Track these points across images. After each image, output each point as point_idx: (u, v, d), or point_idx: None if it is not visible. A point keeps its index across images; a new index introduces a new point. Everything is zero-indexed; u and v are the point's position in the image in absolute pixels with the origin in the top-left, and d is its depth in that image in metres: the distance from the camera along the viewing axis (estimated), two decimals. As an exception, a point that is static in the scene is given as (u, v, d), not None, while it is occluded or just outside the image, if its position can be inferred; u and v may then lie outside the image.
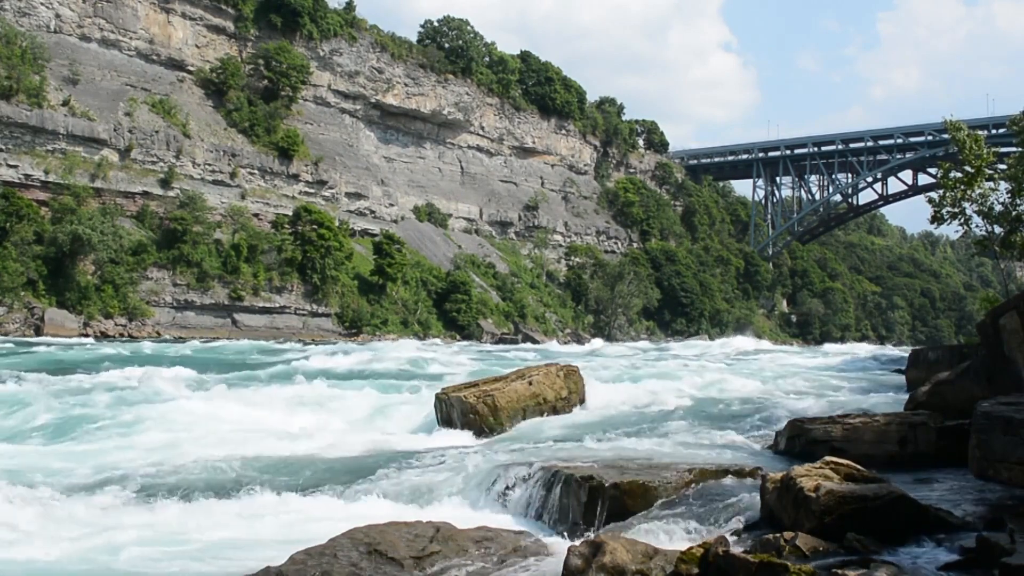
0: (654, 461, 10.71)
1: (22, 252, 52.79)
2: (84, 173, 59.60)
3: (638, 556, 6.47)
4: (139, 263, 58.95)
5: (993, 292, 46.09)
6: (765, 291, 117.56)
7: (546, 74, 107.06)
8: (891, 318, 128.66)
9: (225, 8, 75.81)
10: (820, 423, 11.42)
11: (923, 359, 23.34)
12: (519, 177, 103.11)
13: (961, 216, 25.37)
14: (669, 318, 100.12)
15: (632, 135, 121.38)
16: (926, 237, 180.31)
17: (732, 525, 7.84)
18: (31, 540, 8.59)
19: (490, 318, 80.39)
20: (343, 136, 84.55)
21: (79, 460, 12.66)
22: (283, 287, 67.20)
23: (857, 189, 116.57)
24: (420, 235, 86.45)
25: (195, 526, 9.24)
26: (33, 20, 62.85)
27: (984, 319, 12.17)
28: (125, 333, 54.78)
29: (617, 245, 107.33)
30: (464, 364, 32.77)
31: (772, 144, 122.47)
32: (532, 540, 7.91)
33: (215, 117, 72.69)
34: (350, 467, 12.01)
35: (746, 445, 12.43)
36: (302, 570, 6.94)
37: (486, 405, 15.46)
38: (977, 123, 56.37)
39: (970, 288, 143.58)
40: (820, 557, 6.05)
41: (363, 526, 7.76)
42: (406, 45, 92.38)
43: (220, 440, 14.27)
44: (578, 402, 17.47)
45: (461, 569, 7.13)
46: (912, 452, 10.45)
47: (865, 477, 7.59)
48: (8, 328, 49.63)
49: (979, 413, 8.53)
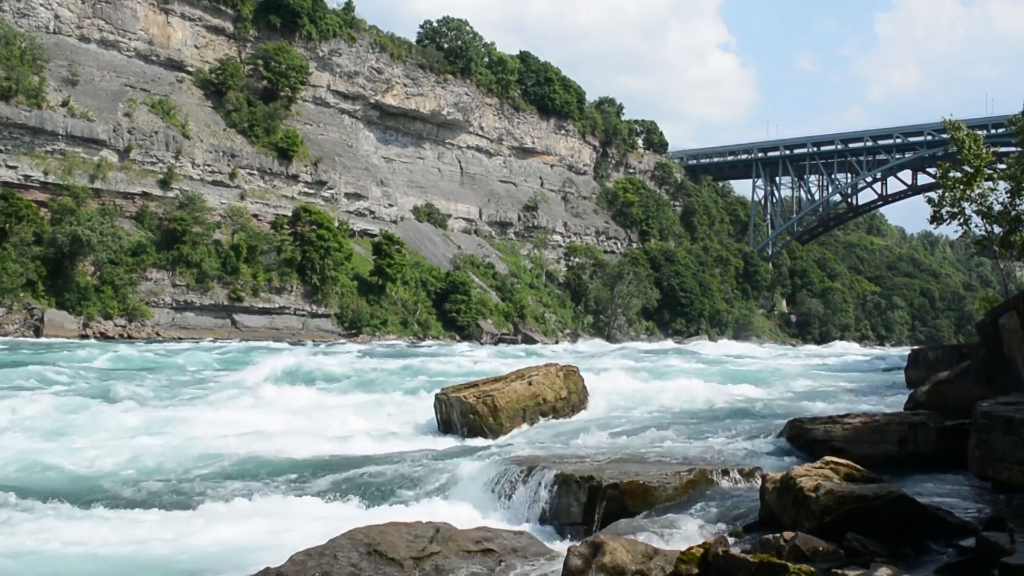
0: (654, 461, 10.71)
1: (21, 253, 52.79)
2: (83, 174, 59.61)
3: (638, 556, 6.46)
4: (138, 264, 58.95)
5: (992, 292, 46.15)
6: (765, 291, 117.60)
7: (545, 74, 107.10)
8: (891, 318, 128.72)
9: (224, 9, 75.85)
10: (820, 423, 11.42)
11: (923, 359, 23.34)
12: (518, 177, 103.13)
13: (960, 216, 25.36)
14: (668, 318, 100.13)
15: (631, 135, 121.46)
16: (925, 237, 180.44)
17: (732, 525, 7.83)
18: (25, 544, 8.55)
19: (489, 318, 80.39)
20: (342, 136, 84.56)
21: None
22: (283, 288, 67.21)
23: (856, 189, 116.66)
24: (419, 235, 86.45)
25: (190, 529, 9.23)
26: (32, 21, 62.86)
27: (984, 319, 12.16)
28: (125, 334, 54.77)
29: (616, 245, 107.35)
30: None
31: (771, 144, 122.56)
32: (532, 540, 7.91)
33: (214, 118, 72.70)
34: (349, 468, 12.00)
35: (746, 445, 12.42)
36: (302, 570, 6.94)
37: (486, 405, 15.45)
38: (976, 123, 56.43)
39: (970, 288, 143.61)
40: (820, 557, 6.04)
41: (363, 527, 7.75)
42: (405, 45, 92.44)
43: (222, 441, 14.25)
44: (578, 402, 17.46)
45: (461, 569, 7.13)
46: (912, 452, 10.45)
47: (865, 477, 7.59)
48: (8, 329, 49.61)
49: (979, 413, 8.52)
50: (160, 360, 33.46)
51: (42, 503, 10.11)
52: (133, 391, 20.21)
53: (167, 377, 25.38)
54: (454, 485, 10.67)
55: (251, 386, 22.23)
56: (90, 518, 9.71)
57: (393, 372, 27.59)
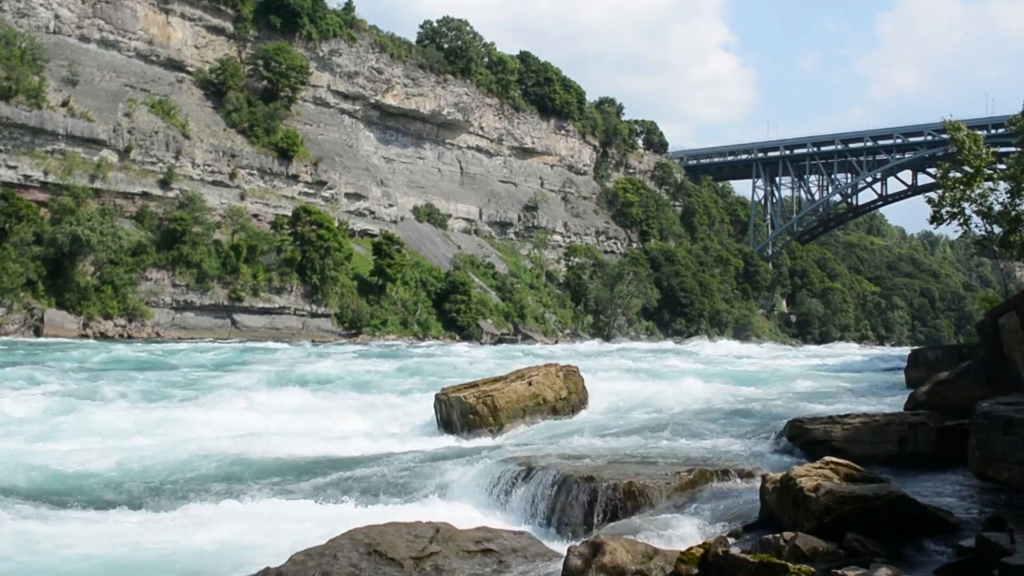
0: (653, 461, 10.70)
1: (21, 253, 52.78)
2: (83, 174, 59.58)
3: (638, 556, 6.46)
4: (138, 264, 58.93)
5: (992, 292, 46.15)
6: (764, 291, 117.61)
7: (545, 74, 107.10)
8: (891, 318, 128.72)
9: (224, 9, 75.84)
10: (820, 423, 11.41)
11: (923, 359, 23.34)
12: (518, 177, 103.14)
13: (960, 216, 25.38)
14: (668, 318, 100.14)
15: (631, 135, 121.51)
16: (925, 237, 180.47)
17: (732, 525, 7.84)
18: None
19: (490, 318, 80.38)
20: (342, 137, 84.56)
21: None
22: (282, 288, 67.20)
23: (856, 189, 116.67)
24: (419, 235, 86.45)
25: (189, 529, 9.22)
26: (32, 21, 62.85)
27: (984, 319, 12.16)
28: (125, 334, 54.76)
29: (616, 245, 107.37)
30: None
31: (771, 144, 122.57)
32: (532, 540, 7.90)
33: (214, 118, 72.70)
34: (349, 468, 12.00)
35: (746, 445, 12.42)
36: (302, 570, 6.94)
37: (486, 406, 15.46)
38: (976, 123, 56.39)
39: (970, 288, 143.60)
40: (820, 557, 6.04)
41: (363, 527, 7.75)
42: (405, 45, 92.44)
43: (216, 442, 14.24)
44: (578, 402, 17.46)
45: (461, 569, 7.13)
46: (912, 452, 10.45)
47: (865, 477, 7.59)
48: (8, 329, 49.60)
49: (979, 413, 8.52)
50: (155, 360, 33.41)
51: (31, 506, 9.98)
52: (123, 391, 20.16)
53: (160, 377, 25.24)
54: (454, 485, 10.67)
55: (246, 387, 22.23)
56: (87, 519, 9.69)
57: (388, 374, 27.57)
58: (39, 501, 10.29)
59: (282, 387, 22.19)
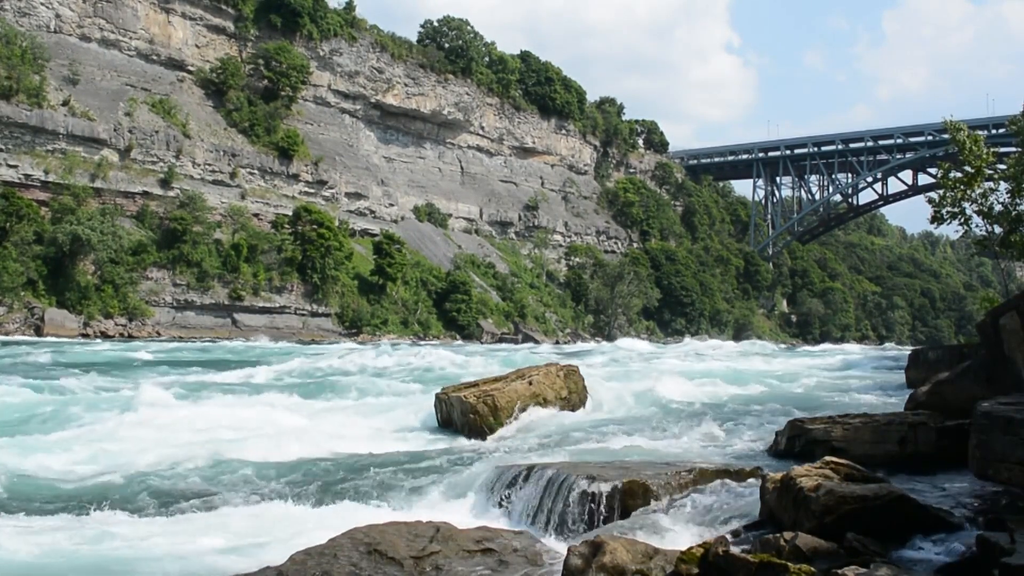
0: (654, 461, 10.70)
1: (22, 252, 52.82)
2: (84, 173, 59.62)
3: (638, 556, 6.46)
4: (139, 263, 58.98)
5: (993, 292, 46.07)
6: (765, 291, 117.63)
7: (546, 74, 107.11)
8: (891, 318, 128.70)
9: (225, 8, 75.85)
10: (820, 423, 11.40)
11: (923, 359, 23.33)
12: (519, 177, 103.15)
13: (961, 216, 25.30)
14: (669, 318, 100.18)
15: (632, 135, 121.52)
16: (926, 237, 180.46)
17: (732, 525, 7.83)
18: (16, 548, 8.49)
19: (490, 318, 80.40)
20: (343, 136, 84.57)
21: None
22: (283, 287, 67.23)
23: (857, 189, 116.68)
24: (420, 235, 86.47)
25: (189, 529, 9.22)
26: (33, 20, 62.87)
27: (984, 319, 12.15)
28: (125, 333, 54.81)
29: (617, 245, 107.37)
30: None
31: (772, 144, 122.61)
32: (532, 540, 7.91)
33: (215, 117, 72.72)
34: (349, 468, 12.00)
35: (746, 445, 12.42)
36: (302, 570, 6.94)
37: (486, 405, 15.45)
38: (977, 123, 56.37)
39: (970, 288, 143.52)
40: (820, 557, 6.04)
41: (363, 526, 7.76)
42: (406, 45, 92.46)
43: (212, 442, 14.21)
44: (578, 402, 17.46)
45: (461, 569, 7.13)
46: (912, 452, 10.44)
47: (865, 477, 7.58)
48: (8, 328, 49.65)
49: (979, 413, 8.52)
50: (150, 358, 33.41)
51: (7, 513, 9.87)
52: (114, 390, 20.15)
53: (156, 375, 25.25)
54: (454, 484, 10.67)
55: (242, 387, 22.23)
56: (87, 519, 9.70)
57: (387, 373, 27.56)
58: (29, 501, 10.26)
59: (281, 387, 22.19)
